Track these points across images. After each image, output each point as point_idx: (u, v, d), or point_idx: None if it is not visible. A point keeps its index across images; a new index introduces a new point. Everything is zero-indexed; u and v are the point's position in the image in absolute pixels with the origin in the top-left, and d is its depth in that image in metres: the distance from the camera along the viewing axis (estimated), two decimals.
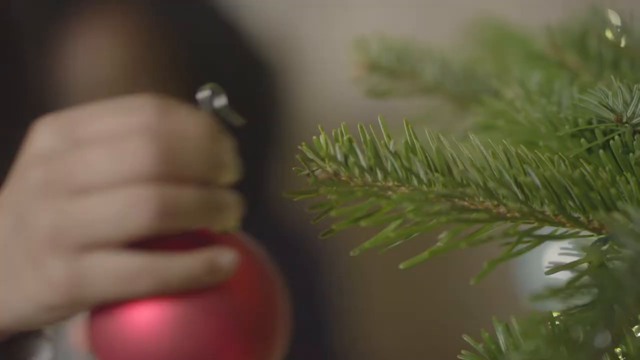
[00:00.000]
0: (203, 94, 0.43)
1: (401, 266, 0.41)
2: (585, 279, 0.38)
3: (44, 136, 0.41)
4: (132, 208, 0.39)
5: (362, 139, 0.44)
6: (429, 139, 0.44)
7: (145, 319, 0.41)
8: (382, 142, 0.44)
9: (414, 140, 0.44)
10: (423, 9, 1.31)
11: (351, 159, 0.43)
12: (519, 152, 0.42)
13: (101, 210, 0.39)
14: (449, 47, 0.74)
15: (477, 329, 0.45)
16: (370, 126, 0.45)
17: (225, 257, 0.41)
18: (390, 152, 0.43)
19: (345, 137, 0.44)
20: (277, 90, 1.29)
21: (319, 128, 0.44)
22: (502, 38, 0.75)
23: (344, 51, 0.69)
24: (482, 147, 0.42)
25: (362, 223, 0.42)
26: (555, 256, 0.42)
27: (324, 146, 0.44)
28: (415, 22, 1.30)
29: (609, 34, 0.55)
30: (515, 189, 0.41)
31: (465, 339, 0.45)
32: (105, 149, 0.40)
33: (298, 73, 1.33)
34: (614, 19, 0.58)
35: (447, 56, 0.68)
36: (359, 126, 0.44)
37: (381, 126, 0.44)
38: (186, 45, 1.21)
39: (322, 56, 1.33)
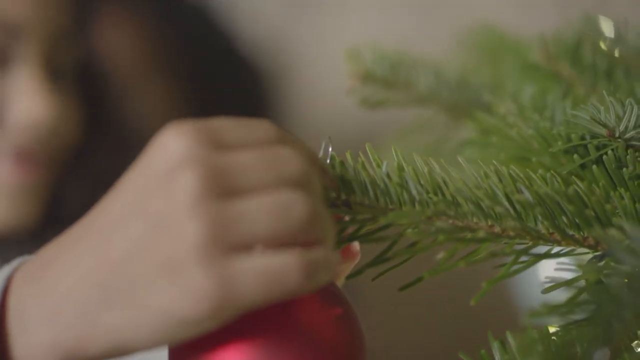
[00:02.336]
0: (325, 142, 0.45)
1: (399, 289, 0.41)
2: (584, 295, 0.38)
3: (182, 142, 0.39)
4: (292, 206, 0.39)
5: (352, 165, 0.44)
6: (417, 163, 0.44)
7: None
8: (374, 163, 0.44)
9: (403, 163, 0.44)
10: (418, 16, 1.31)
11: (348, 175, 0.43)
12: (511, 171, 0.41)
13: (262, 209, 0.38)
14: (443, 56, 0.74)
15: (471, 338, 0.45)
16: (366, 145, 0.45)
17: (338, 258, 0.41)
18: (384, 175, 0.43)
19: (337, 161, 0.44)
20: (270, 96, 1.29)
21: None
22: (497, 47, 0.75)
23: (338, 58, 0.69)
24: (472, 169, 0.42)
25: (361, 242, 0.42)
26: (551, 270, 0.42)
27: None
28: (409, 29, 1.30)
29: (602, 45, 0.55)
30: (509, 206, 0.41)
31: (461, 357, 0.44)
32: (258, 153, 0.40)
33: (292, 79, 1.33)
34: (608, 27, 0.58)
35: (442, 66, 0.68)
36: (348, 154, 0.44)
37: (369, 154, 0.44)
38: (184, 51, 1.21)
39: (317, 62, 1.33)
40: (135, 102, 1.11)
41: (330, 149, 0.44)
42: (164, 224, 0.38)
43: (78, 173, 0.94)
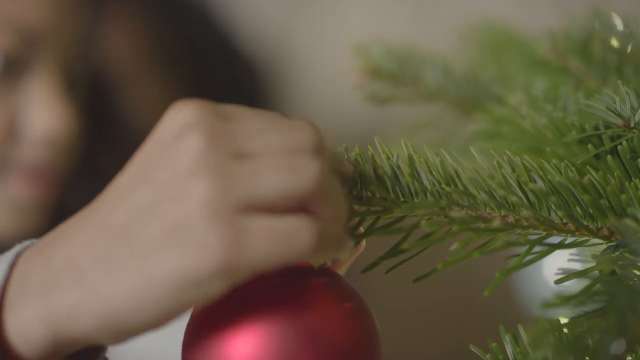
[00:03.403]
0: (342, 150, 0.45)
1: (413, 282, 0.41)
2: (597, 286, 0.38)
3: (188, 112, 0.39)
4: (303, 167, 0.38)
5: (360, 156, 0.44)
6: (427, 154, 0.43)
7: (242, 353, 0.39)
8: (385, 156, 0.44)
9: (413, 154, 0.43)
10: (417, 13, 1.31)
11: (361, 167, 0.43)
12: (524, 161, 0.41)
13: (271, 168, 0.38)
14: (450, 51, 0.74)
15: (471, 336, 0.45)
16: (375, 139, 0.44)
17: (350, 238, 0.41)
18: (394, 166, 0.43)
19: (353, 154, 0.43)
20: (270, 93, 1.29)
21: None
22: (501, 43, 0.75)
23: (338, 56, 0.68)
24: (484, 159, 0.42)
25: (375, 234, 0.42)
26: (555, 268, 0.42)
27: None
28: (409, 26, 1.30)
29: (614, 41, 0.55)
30: (523, 196, 0.41)
31: (472, 349, 0.44)
32: (267, 119, 0.39)
33: (292, 76, 1.33)
34: (618, 23, 0.58)
35: (450, 61, 0.68)
36: (357, 148, 0.44)
37: (378, 147, 0.44)
38: (184, 51, 1.22)
39: (317, 59, 1.33)
40: (137, 105, 1.11)
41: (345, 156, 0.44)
42: (168, 187, 0.38)
43: (83, 180, 0.93)
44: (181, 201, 0.37)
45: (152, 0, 1.21)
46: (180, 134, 0.39)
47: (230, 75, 1.23)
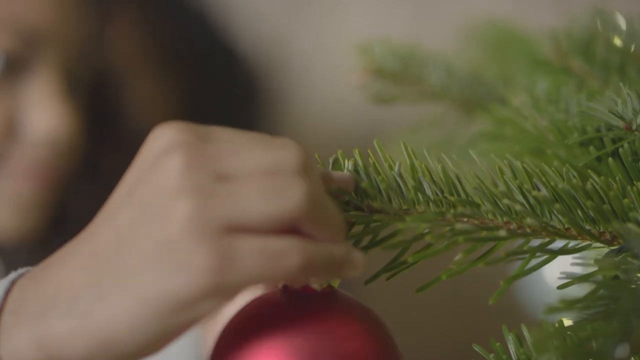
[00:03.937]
0: (334, 157, 0.44)
1: (417, 291, 0.40)
2: (601, 291, 0.38)
3: (170, 133, 0.39)
4: (287, 187, 0.38)
5: (361, 164, 0.43)
6: (428, 159, 0.43)
7: None
8: (387, 164, 0.43)
9: (415, 162, 0.43)
10: (416, 13, 1.31)
11: (362, 183, 0.42)
12: (525, 166, 0.41)
13: (255, 188, 0.37)
14: (451, 51, 0.74)
15: (476, 331, 0.45)
16: (375, 142, 0.44)
17: (358, 255, 0.40)
18: (396, 175, 0.42)
19: (350, 163, 0.43)
20: (268, 94, 1.29)
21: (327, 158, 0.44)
22: (504, 42, 0.74)
23: (337, 56, 0.68)
24: (485, 165, 0.42)
25: (378, 247, 0.42)
26: (556, 269, 0.41)
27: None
28: (408, 26, 1.30)
29: (617, 41, 0.54)
30: (526, 204, 0.41)
31: (475, 349, 0.44)
32: (250, 139, 0.39)
33: (290, 77, 1.32)
34: (621, 22, 0.58)
35: (453, 61, 0.67)
36: (356, 152, 0.43)
37: (379, 152, 0.44)
38: (184, 52, 1.22)
39: (315, 60, 1.32)
40: (138, 106, 1.11)
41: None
42: (151, 208, 0.38)
43: (84, 181, 0.92)
44: (164, 222, 0.37)
45: (152, 1, 1.21)
46: (162, 155, 0.38)
47: (230, 76, 1.23)
